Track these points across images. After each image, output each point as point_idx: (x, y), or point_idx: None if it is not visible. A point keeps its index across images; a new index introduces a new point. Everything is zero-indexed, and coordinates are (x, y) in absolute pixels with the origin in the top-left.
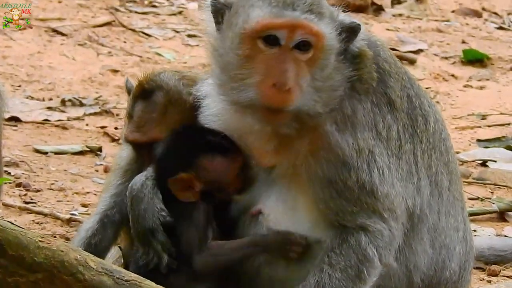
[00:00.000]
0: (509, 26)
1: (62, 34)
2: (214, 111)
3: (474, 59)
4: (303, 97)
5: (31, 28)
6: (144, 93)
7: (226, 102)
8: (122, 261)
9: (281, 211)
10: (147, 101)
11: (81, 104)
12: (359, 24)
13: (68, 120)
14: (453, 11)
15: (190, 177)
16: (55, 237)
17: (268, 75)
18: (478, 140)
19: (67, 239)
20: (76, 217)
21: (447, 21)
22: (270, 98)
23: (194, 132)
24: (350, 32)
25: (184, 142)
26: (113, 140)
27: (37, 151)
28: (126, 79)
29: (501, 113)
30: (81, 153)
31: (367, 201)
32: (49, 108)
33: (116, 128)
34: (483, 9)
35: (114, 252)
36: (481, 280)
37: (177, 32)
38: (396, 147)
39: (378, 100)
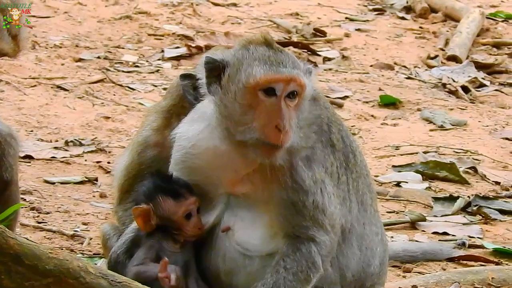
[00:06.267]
0: (415, 76)
1: (65, 90)
2: (201, 145)
3: (389, 103)
4: (293, 135)
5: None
6: None
7: (226, 141)
8: None
9: (246, 227)
10: None
11: (81, 144)
12: (311, 67)
13: (71, 157)
14: (371, 65)
15: (148, 209)
16: (62, 249)
17: (271, 119)
18: (393, 166)
19: (72, 250)
20: (78, 233)
21: (367, 73)
22: (274, 137)
23: (164, 177)
24: (309, 76)
25: (153, 182)
26: (107, 172)
27: (47, 181)
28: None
29: (411, 145)
30: (81, 183)
31: (318, 217)
32: (56, 148)
33: (108, 163)
34: (395, 63)
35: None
36: (397, 275)
37: (155, 86)
38: (335, 179)
39: (326, 143)
